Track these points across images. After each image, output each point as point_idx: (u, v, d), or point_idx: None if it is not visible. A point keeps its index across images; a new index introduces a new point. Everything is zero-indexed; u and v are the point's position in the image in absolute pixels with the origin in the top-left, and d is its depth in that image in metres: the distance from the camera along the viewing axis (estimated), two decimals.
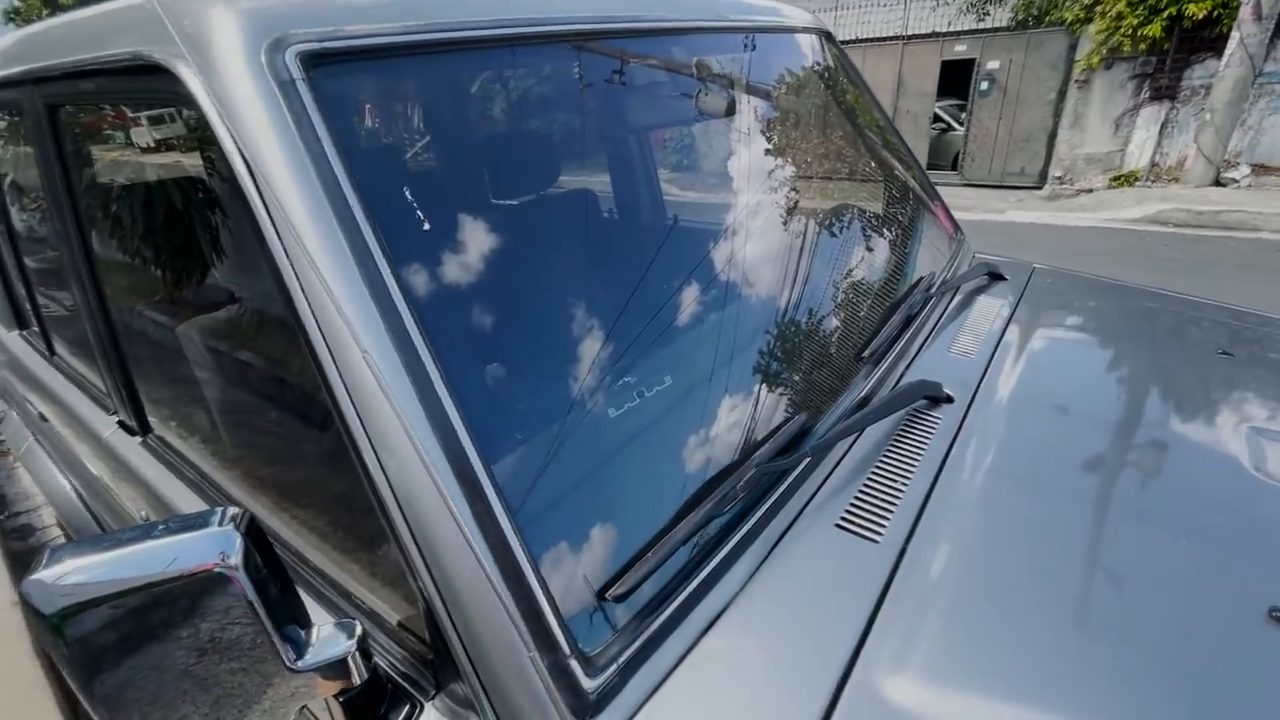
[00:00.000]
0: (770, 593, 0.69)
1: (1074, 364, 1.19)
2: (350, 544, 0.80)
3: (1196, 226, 6.81)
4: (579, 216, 0.95)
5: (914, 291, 1.23)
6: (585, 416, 0.72)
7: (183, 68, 0.60)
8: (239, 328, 1.17)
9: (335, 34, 0.63)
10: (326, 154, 0.58)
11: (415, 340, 0.56)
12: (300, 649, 0.56)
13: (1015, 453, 0.89)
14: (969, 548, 0.73)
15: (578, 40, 0.89)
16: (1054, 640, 0.63)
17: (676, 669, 0.61)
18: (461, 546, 0.54)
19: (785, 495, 0.79)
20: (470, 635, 0.54)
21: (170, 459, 1.08)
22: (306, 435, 0.92)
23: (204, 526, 0.51)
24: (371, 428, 0.55)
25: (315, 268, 0.54)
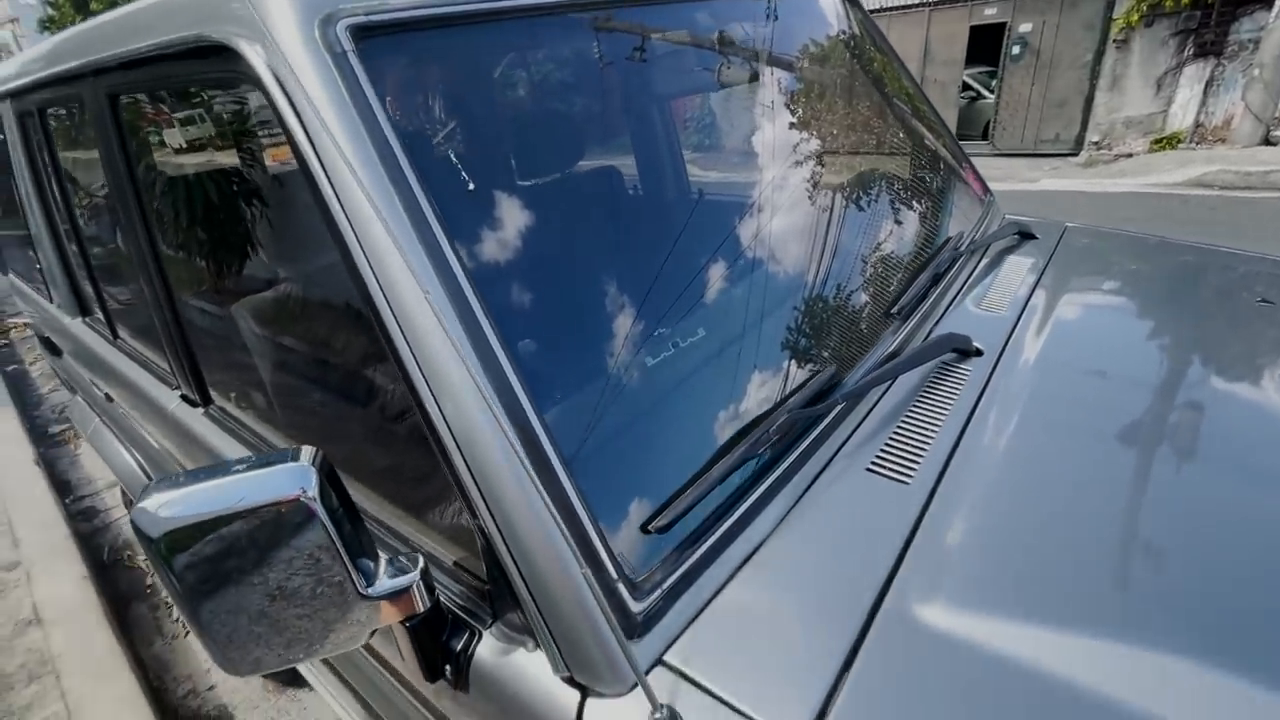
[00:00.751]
0: (804, 529, 0.72)
1: (1106, 318, 1.18)
2: (407, 493, 0.86)
3: (1245, 188, 6.52)
4: (623, 181, 0.98)
5: (943, 250, 1.24)
6: (629, 363, 0.75)
7: (244, 45, 0.65)
8: (292, 297, 1.24)
9: (380, 7, 0.66)
10: (379, 121, 0.62)
11: (466, 290, 0.60)
12: (370, 578, 0.62)
13: (1044, 402, 0.90)
14: (997, 489, 0.75)
15: (614, 7, 0.91)
16: (1078, 569, 0.65)
17: (716, 597, 0.65)
18: (518, 482, 0.58)
19: (818, 440, 0.82)
20: (527, 562, 0.59)
21: (231, 425, 1.15)
22: (361, 391, 0.98)
23: (285, 462, 0.56)
24: (432, 376, 0.59)
25: (380, 227, 0.58)
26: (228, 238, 1.37)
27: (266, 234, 1.40)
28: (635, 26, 0.96)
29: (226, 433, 1.13)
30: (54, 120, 1.50)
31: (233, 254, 1.32)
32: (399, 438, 0.93)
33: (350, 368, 0.99)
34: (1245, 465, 0.78)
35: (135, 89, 1.02)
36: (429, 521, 0.83)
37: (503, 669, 0.65)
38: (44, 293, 2.07)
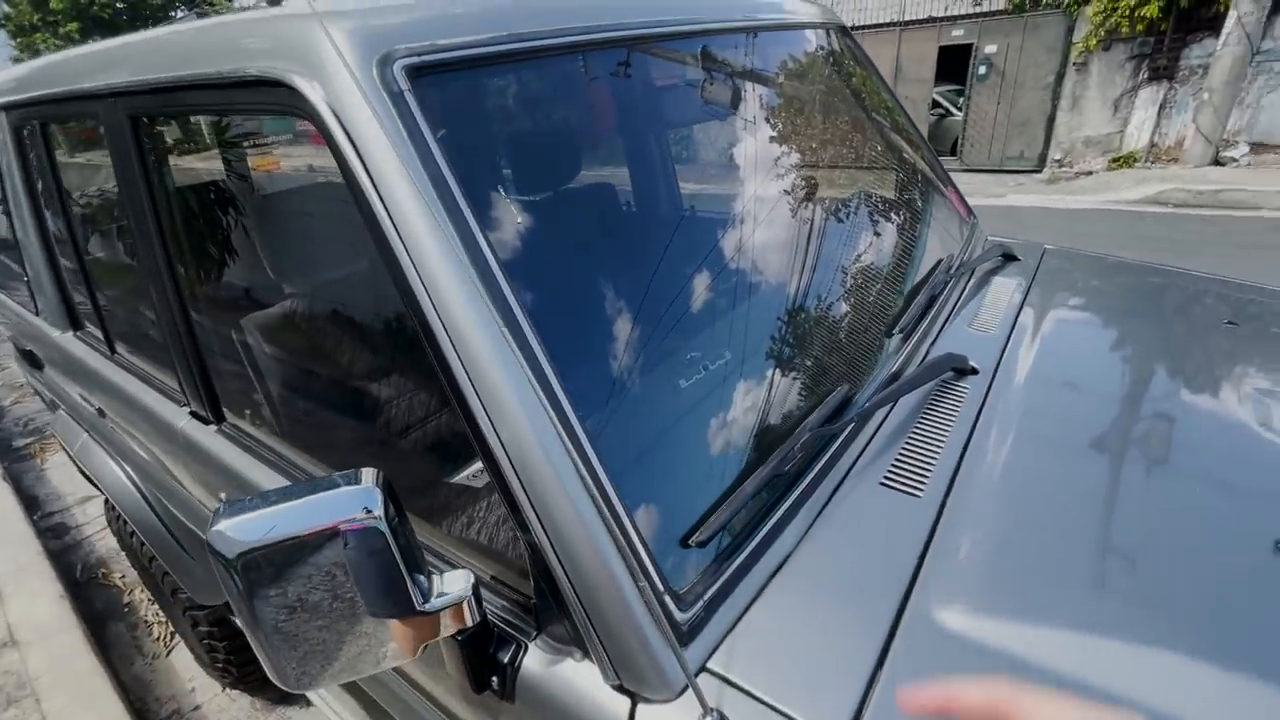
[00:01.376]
0: (828, 541, 0.77)
1: (1087, 336, 1.27)
2: (445, 509, 0.88)
3: (1196, 206, 6.87)
4: (666, 211, 1.02)
5: (936, 272, 1.31)
6: (662, 388, 0.80)
7: (301, 82, 0.68)
8: (319, 313, 1.25)
9: (432, 47, 0.70)
10: (436, 159, 0.65)
11: (522, 321, 0.64)
12: (426, 594, 0.64)
13: (1039, 416, 0.97)
14: (1002, 499, 0.81)
15: (639, 43, 0.96)
16: (1085, 573, 0.71)
17: (752, 606, 0.69)
18: (573, 502, 0.61)
19: (834, 458, 0.87)
20: (579, 575, 0.62)
21: (247, 443, 1.15)
22: (392, 411, 1.00)
23: (350, 484, 0.59)
24: (489, 401, 0.62)
25: (436, 258, 0.62)
26: (244, 254, 1.38)
27: (285, 250, 1.41)
28: (668, 58, 1.02)
29: (244, 450, 1.14)
30: (59, 136, 1.49)
31: (250, 270, 1.33)
32: (430, 457, 0.95)
33: (380, 387, 1.01)
34: (1216, 474, 0.86)
35: (163, 112, 1.04)
36: (465, 538, 0.85)
37: (550, 679, 0.68)
38: (26, 304, 2.03)
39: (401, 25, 0.70)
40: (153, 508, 1.68)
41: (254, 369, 1.25)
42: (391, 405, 0.99)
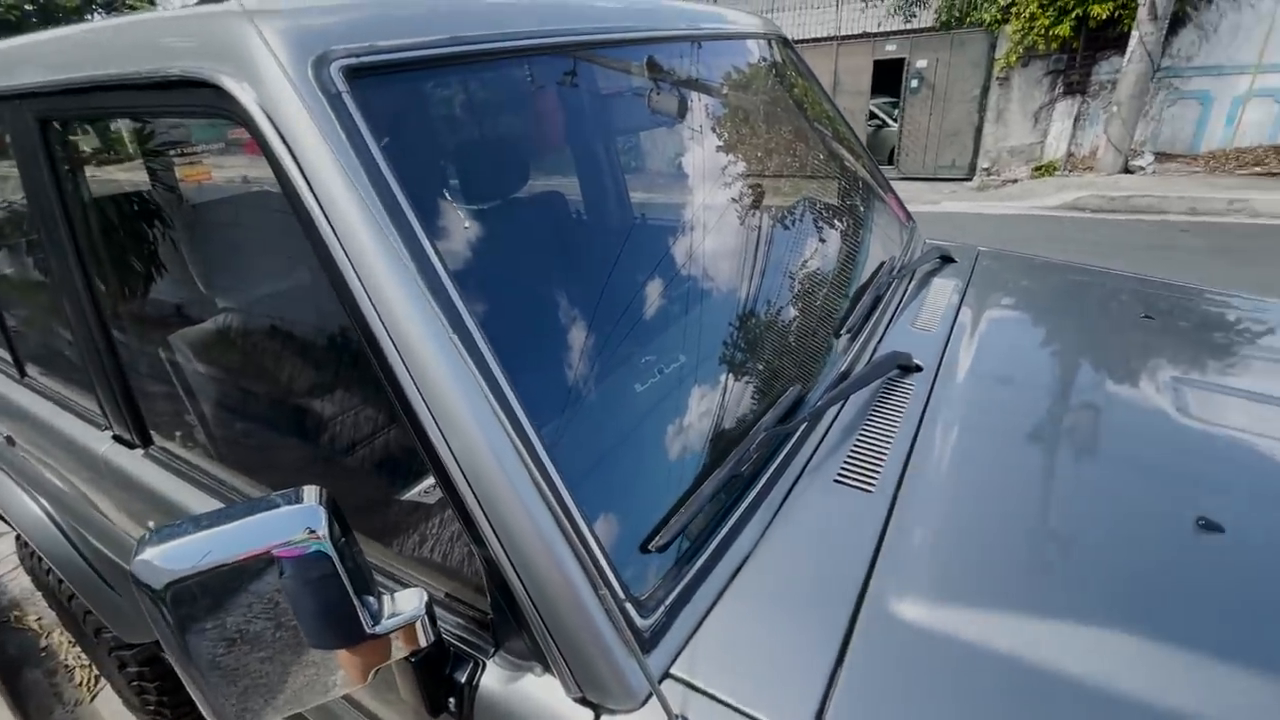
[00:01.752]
0: (785, 540, 0.77)
1: (1020, 332, 1.33)
2: (395, 526, 0.85)
3: (1110, 211, 7.36)
4: (616, 216, 1.02)
5: (879, 274, 1.35)
6: (618, 394, 0.79)
7: (230, 83, 0.64)
8: (245, 333, 1.19)
9: (372, 49, 0.68)
10: (376, 160, 0.63)
11: (471, 328, 0.62)
12: (376, 616, 0.61)
13: (979, 409, 1.01)
14: (949, 490, 0.84)
15: (584, 49, 0.96)
16: (1026, 556, 0.74)
17: (713, 609, 0.69)
18: (527, 511, 0.60)
19: (788, 457, 0.88)
20: (537, 587, 0.61)
21: (178, 466, 1.09)
22: (335, 426, 0.96)
23: (290, 504, 0.56)
24: (439, 412, 0.60)
25: (379, 264, 0.59)
26: (171, 268, 1.30)
27: (218, 263, 1.34)
28: (614, 65, 1.02)
29: (174, 474, 1.07)
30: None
31: (179, 285, 1.26)
32: (378, 472, 0.92)
33: (321, 403, 0.97)
34: (1142, 459, 0.91)
35: (76, 116, 0.97)
36: (418, 555, 0.82)
37: (510, 696, 0.66)
38: None
39: (339, 24, 0.68)
40: (71, 541, 1.55)
41: (185, 388, 1.18)
42: (336, 421, 0.95)
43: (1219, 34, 8.13)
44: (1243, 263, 5.34)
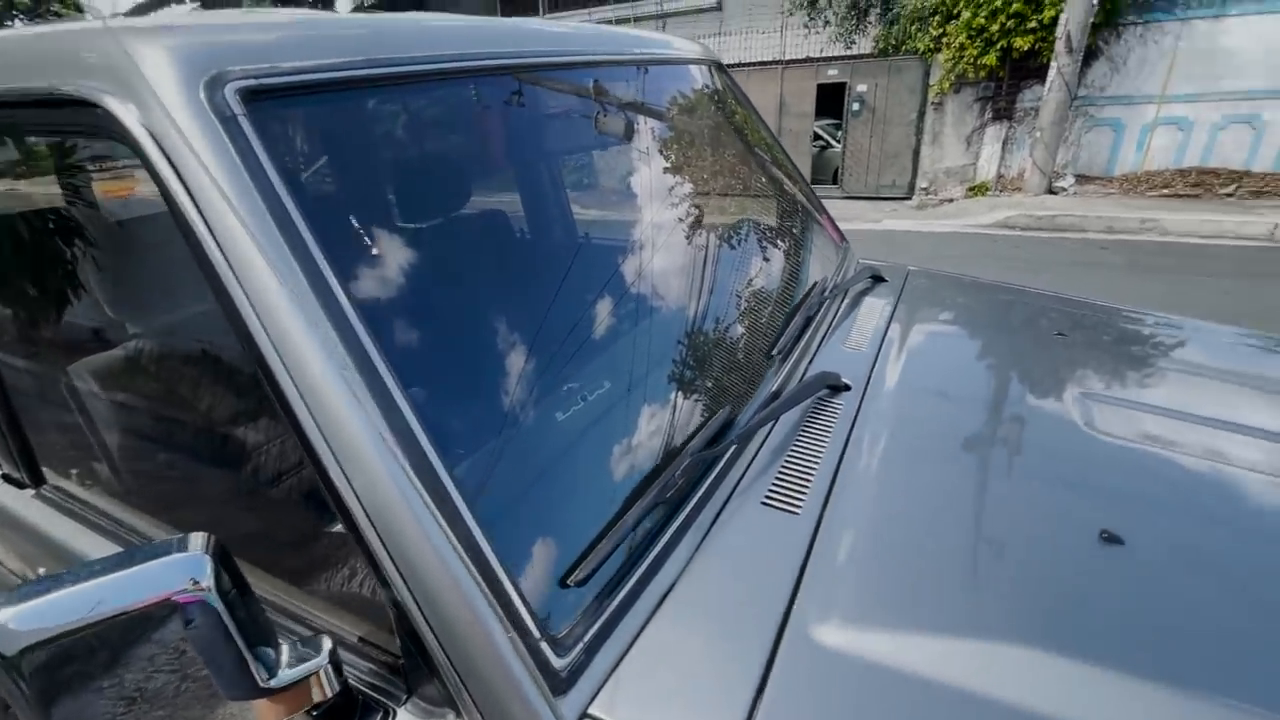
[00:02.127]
0: (711, 567, 0.77)
1: (945, 350, 1.38)
2: (299, 569, 0.80)
3: (1038, 229, 7.79)
4: (522, 238, 1.00)
5: (811, 294, 1.38)
6: (535, 421, 0.77)
7: (113, 103, 0.61)
8: (145, 363, 1.12)
9: (272, 70, 0.65)
10: (274, 185, 0.60)
11: (374, 358, 0.59)
12: (272, 668, 0.58)
13: (904, 428, 1.03)
14: (873, 510, 0.85)
15: (498, 73, 0.95)
16: (943, 574, 0.75)
17: (635, 643, 0.67)
18: (433, 549, 0.58)
19: (716, 480, 0.88)
20: (446, 629, 0.58)
21: (73, 507, 1.01)
22: (241, 463, 0.90)
23: (171, 553, 0.52)
24: (339, 447, 0.57)
25: (275, 293, 0.57)
26: (63, 291, 1.22)
27: (110, 286, 1.26)
28: (520, 89, 1.01)
29: (68, 516, 0.99)
30: None
31: (70, 310, 1.18)
32: (284, 511, 0.87)
33: (224, 436, 0.91)
34: (1054, 472, 0.95)
35: None
36: (328, 598, 0.78)
37: None
38: None
39: (237, 44, 0.65)
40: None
41: (84, 422, 1.10)
42: (247, 458, 0.90)
43: (1128, 67, 8.77)
44: (1154, 277, 5.73)
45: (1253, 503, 0.89)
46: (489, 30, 0.94)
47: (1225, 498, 0.90)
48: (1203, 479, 0.93)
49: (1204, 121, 8.59)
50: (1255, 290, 5.25)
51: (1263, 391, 1.20)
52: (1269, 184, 8.23)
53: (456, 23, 0.95)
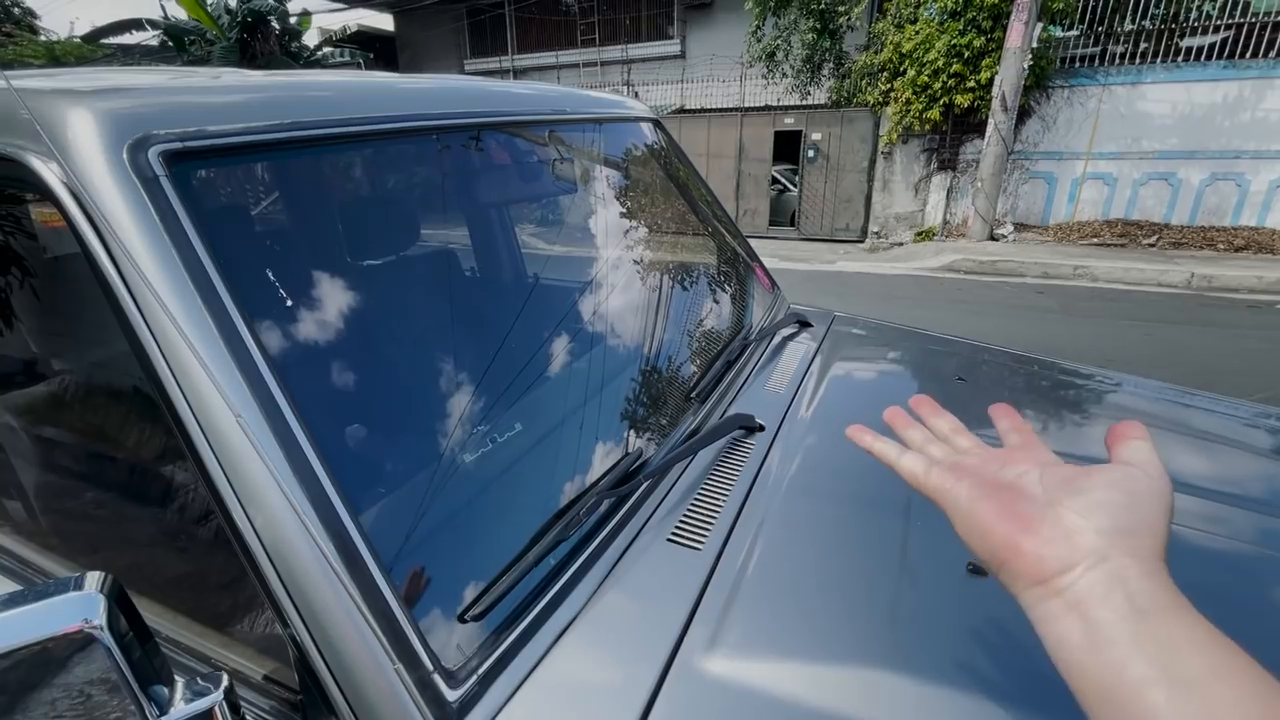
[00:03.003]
0: (611, 603, 0.81)
1: (856, 392, 1.47)
2: (209, 609, 0.82)
3: (980, 273, 8.21)
4: (435, 284, 1.06)
5: (735, 338, 1.46)
6: (443, 459, 0.81)
7: (35, 161, 0.64)
8: (62, 391, 1.12)
9: (197, 133, 0.70)
10: (193, 243, 0.64)
11: (281, 404, 0.63)
12: (164, 706, 0.59)
13: (809, 466, 1.10)
14: (770, 546, 0.91)
15: (435, 133, 1.01)
16: (831, 609, 0.81)
17: (531, 675, 0.71)
18: (332, 589, 0.61)
19: (626, 517, 0.92)
20: (340, 665, 0.61)
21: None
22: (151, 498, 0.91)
23: (67, 591, 0.54)
24: (241, 488, 0.61)
25: (184, 344, 0.60)
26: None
27: (30, 321, 1.26)
28: (452, 148, 1.08)
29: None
30: None
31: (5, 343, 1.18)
32: (199, 550, 0.88)
33: (141, 477, 0.93)
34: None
35: None
36: (235, 635, 0.79)
37: None
38: None
39: (160, 110, 0.70)
40: None
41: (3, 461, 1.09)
42: (158, 497, 0.91)
43: (1058, 125, 9.46)
44: (1084, 321, 6.09)
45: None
46: (412, 90, 1.01)
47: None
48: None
49: (1126, 178, 9.28)
50: (1172, 333, 5.63)
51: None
52: (1186, 236, 8.90)
53: (380, 83, 1.01)
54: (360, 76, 1.07)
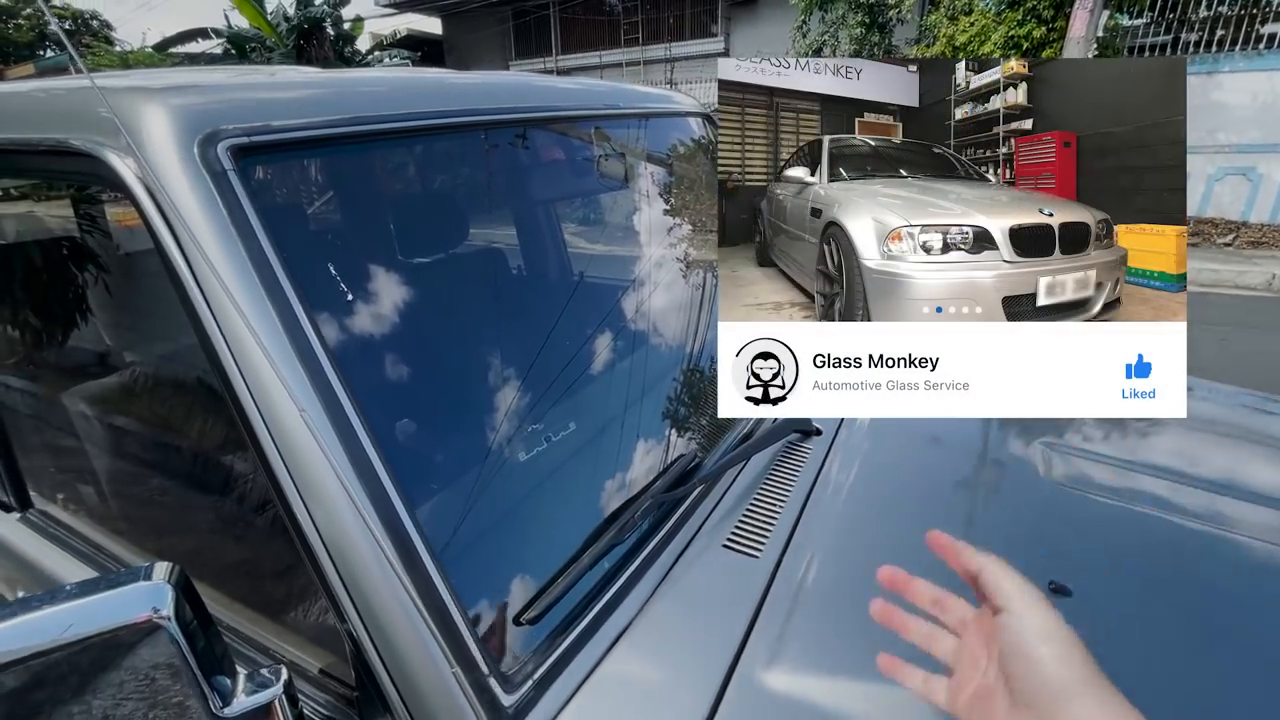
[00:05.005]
0: (667, 609, 0.78)
1: None
2: (269, 599, 0.83)
3: None
4: (489, 280, 1.05)
5: None
6: (500, 461, 0.80)
7: (112, 157, 0.66)
8: (136, 385, 1.16)
9: (264, 128, 0.70)
10: (258, 237, 0.65)
11: (343, 400, 0.63)
12: (227, 697, 0.59)
13: (868, 474, 1.05)
14: (832, 557, 0.87)
15: (491, 127, 1.01)
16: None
17: (586, 681, 0.69)
18: (390, 587, 0.60)
19: (680, 521, 0.90)
20: (397, 664, 0.60)
21: (57, 532, 1.03)
22: (218, 492, 0.93)
23: (137, 580, 0.55)
24: (302, 482, 0.61)
25: (250, 337, 0.60)
26: (58, 318, 1.27)
27: (104, 315, 1.31)
28: (506, 142, 1.07)
29: (52, 541, 1.01)
30: None
31: (64, 336, 1.22)
32: (260, 541, 0.89)
33: (206, 466, 0.95)
34: (1016, 522, 0.96)
35: None
36: (293, 627, 0.80)
37: None
38: None
39: (230, 105, 0.70)
40: None
41: (75, 448, 1.13)
42: (225, 489, 0.93)
43: None
44: None
45: (1211, 559, 0.90)
46: (464, 86, 1.01)
47: (1183, 554, 0.91)
48: (1158, 534, 0.95)
49: (1200, 172, 8.74)
50: (1252, 338, 5.27)
51: (1225, 446, 1.21)
52: (1266, 235, 8.33)
53: (434, 78, 1.01)
54: (414, 72, 1.08)
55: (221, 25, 14.36)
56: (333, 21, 14.25)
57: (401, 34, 16.56)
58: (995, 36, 8.64)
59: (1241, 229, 8.55)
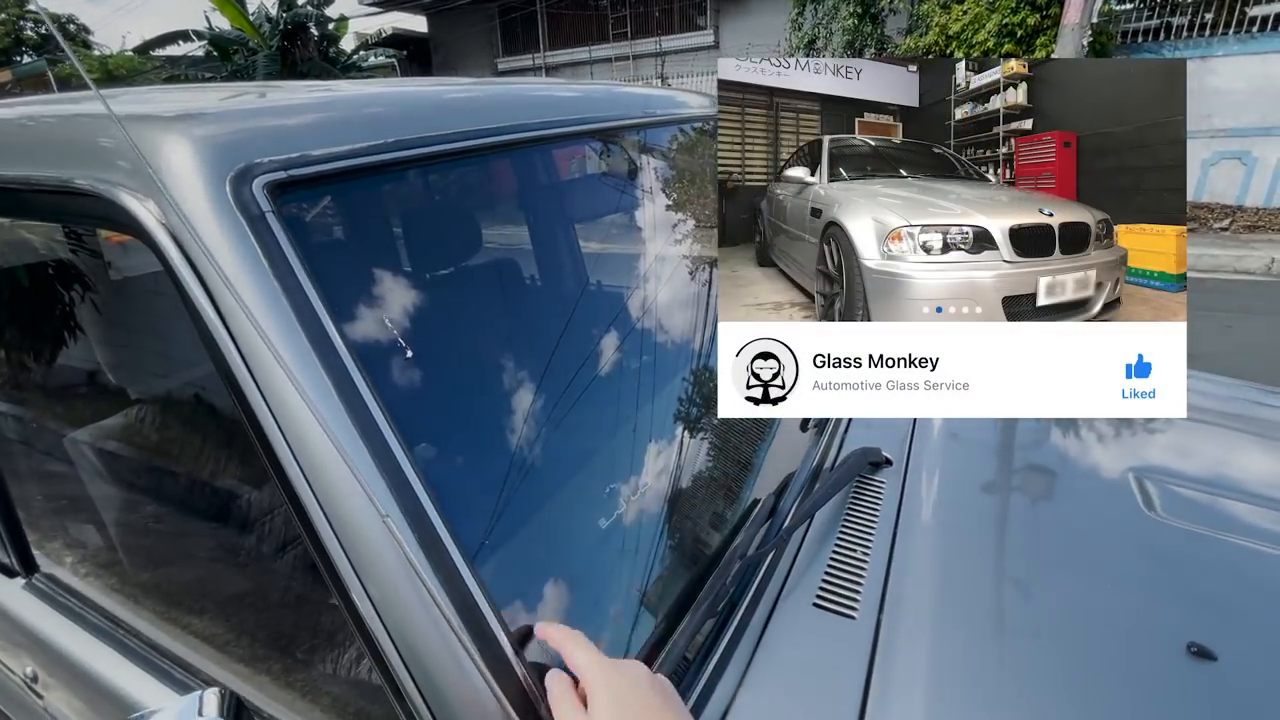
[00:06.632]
0: (769, 679, 0.70)
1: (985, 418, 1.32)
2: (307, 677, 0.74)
3: None
4: (558, 322, 0.96)
5: None
6: (563, 516, 0.71)
7: (128, 199, 0.56)
8: (150, 443, 1.06)
9: (302, 159, 0.61)
10: (304, 290, 0.55)
11: (412, 480, 0.54)
12: None
13: (954, 513, 0.97)
14: (934, 612, 0.79)
15: (524, 145, 0.91)
16: (1028, 698, 0.69)
17: None
18: (455, 662, 0.51)
19: (764, 582, 0.81)
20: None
21: (66, 601, 0.94)
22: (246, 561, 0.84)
23: (189, 713, 0.46)
24: (363, 568, 0.52)
25: (309, 411, 0.51)
26: (61, 355, 1.17)
27: (112, 348, 1.21)
28: (545, 159, 0.98)
29: (60, 611, 0.92)
30: None
31: (69, 373, 1.13)
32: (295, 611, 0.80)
33: (235, 527, 0.85)
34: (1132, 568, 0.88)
35: None
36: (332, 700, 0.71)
37: None
38: None
39: (263, 134, 0.61)
40: None
41: (82, 499, 1.04)
42: (260, 554, 0.84)
43: None
44: None
45: None
46: (511, 98, 0.91)
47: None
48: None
49: (1195, 157, 8.73)
50: (1253, 324, 5.25)
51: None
52: (1262, 219, 8.34)
53: (476, 92, 0.92)
54: (446, 84, 0.98)
55: (202, 27, 14.05)
56: (317, 21, 13.99)
57: (387, 33, 16.31)
58: (989, 24, 8.58)
59: (1237, 213, 8.56)
